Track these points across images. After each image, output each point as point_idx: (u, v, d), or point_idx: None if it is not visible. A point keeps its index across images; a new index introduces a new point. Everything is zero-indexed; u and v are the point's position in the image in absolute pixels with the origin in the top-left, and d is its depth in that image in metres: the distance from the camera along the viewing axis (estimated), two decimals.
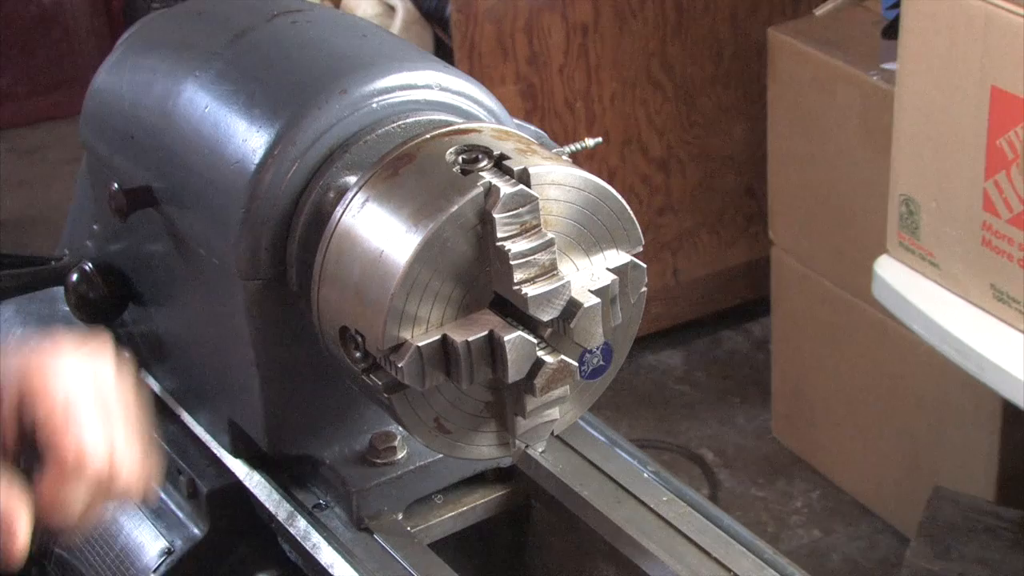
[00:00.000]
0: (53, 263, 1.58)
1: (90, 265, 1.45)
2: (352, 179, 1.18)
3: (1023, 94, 1.99)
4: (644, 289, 1.18)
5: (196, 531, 1.37)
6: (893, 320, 2.37)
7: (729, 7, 3.33)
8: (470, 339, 1.09)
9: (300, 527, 1.31)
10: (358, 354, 1.13)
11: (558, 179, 1.11)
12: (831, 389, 3.11)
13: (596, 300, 1.11)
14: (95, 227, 1.49)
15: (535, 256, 1.08)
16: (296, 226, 1.20)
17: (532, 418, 1.15)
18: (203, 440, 1.40)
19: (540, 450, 1.34)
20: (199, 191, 1.26)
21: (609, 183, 1.14)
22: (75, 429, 1.02)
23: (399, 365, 1.09)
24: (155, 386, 1.47)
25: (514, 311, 1.10)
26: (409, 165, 1.14)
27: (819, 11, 2.86)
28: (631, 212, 1.16)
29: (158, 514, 1.40)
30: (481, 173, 1.10)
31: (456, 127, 1.17)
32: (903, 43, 2.21)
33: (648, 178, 3.42)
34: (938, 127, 2.16)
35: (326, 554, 1.27)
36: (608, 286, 1.13)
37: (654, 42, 3.29)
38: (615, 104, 3.31)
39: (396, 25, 3.20)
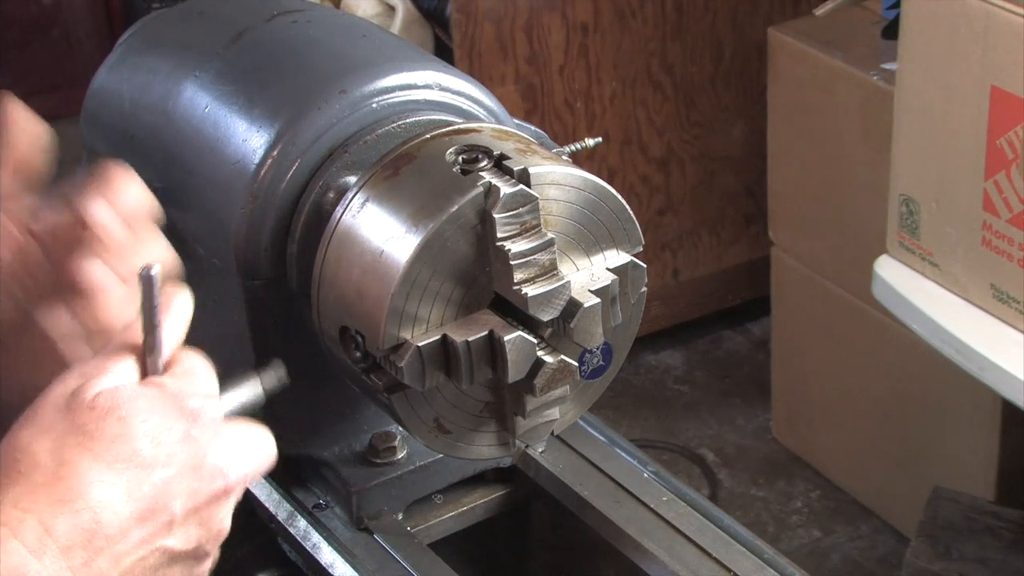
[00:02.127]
0: None
1: None
2: (352, 179, 1.18)
3: (1023, 94, 1.99)
4: (644, 289, 1.18)
5: None
6: (893, 320, 2.37)
7: (729, 7, 3.33)
8: (470, 339, 1.09)
9: (300, 527, 1.31)
10: (358, 354, 1.13)
11: (558, 179, 1.11)
12: (831, 389, 3.11)
13: (596, 300, 1.11)
14: None
15: (535, 256, 1.09)
16: (296, 226, 1.20)
17: (532, 418, 1.16)
18: None
19: (540, 450, 1.34)
20: (199, 191, 1.26)
21: (609, 183, 1.14)
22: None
23: (399, 365, 1.09)
24: None
25: (514, 311, 1.10)
26: (409, 165, 1.14)
27: (819, 11, 2.86)
28: (631, 212, 1.16)
29: None
30: (481, 173, 1.10)
31: (456, 127, 1.17)
32: (903, 43, 2.21)
33: (648, 178, 3.42)
34: (938, 127, 2.16)
35: (326, 554, 1.27)
36: (608, 286, 1.13)
37: (654, 42, 3.29)
38: (615, 104, 3.31)
39: (396, 25, 3.20)
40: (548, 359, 1.10)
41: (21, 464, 0.91)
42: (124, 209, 1.05)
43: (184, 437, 0.96)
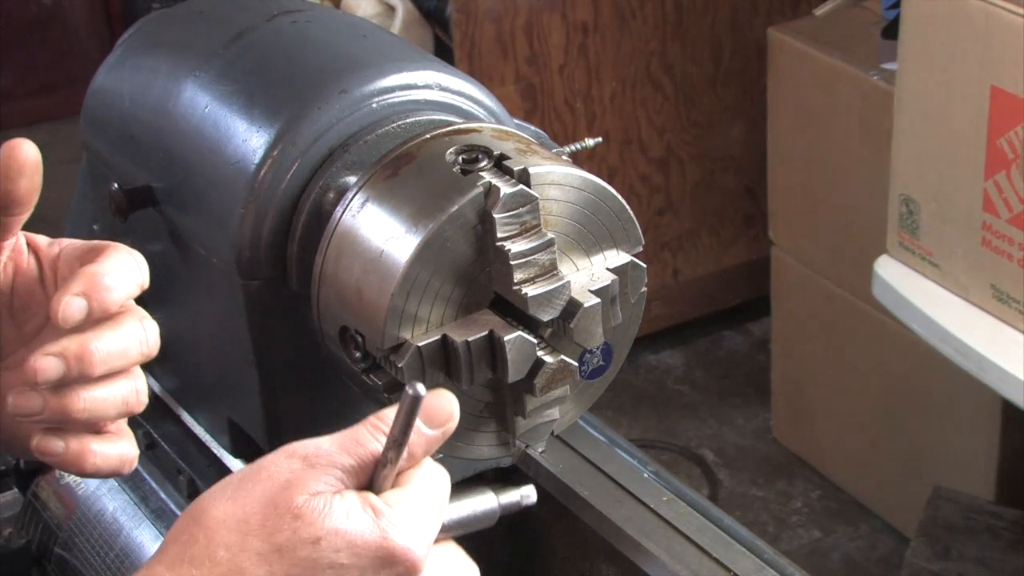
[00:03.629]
0: None
1: None
2: (352, 179, 1.18)
3: (1023, 94, 1.99)
4: (644, 289, 1.18)
5: None
6: (893, 320, 2.37)
7: (729, 7, 3.33)
8: (470, 339, 1.09)
9: None
10: (358, 354, 1.13)
11: (558, 179, 1.11)
12: (831, 389, 3.11)
13: (596, 300, 1.11)
14: (95, 227, 1.49)
15: (535, 256, 1.08)
16: (296, 226, 1.20)
17: (532, 418, 1.15)
18: (203, 440, 1.40)
19: (540, 450, 1.34)
20: (199, 191, 1.26)
21: (609, 183, 1.14)
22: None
23: (399, 365, 1.09)
24: (155, 386, 1.47)
25: (514, 311, 1.10)
26: (409, 165, 1.14)
27: (819, 11, 2.87)
28: (631, 212, 1.16)
29: (158, 514, 1.40)
30: (481, 173, 1.10)
31: (456, 127, 1.17)
32: (903, 43, 2.21)
33: (648, 178, 3.42)
34: (938, 127, 2.16)
35: None
36: (608, 286, 1.13)
37: (654, 42, 3.29)
38: (615, 104, 3.31)
39: (396, 25, 3.20)
40: (548, 359, 1.10)
41: (205, 543, 0.88)
42: (101, 304, 1.01)
43: None
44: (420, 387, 0.90)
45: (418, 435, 0.94)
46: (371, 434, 0.94)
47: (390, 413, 0.94)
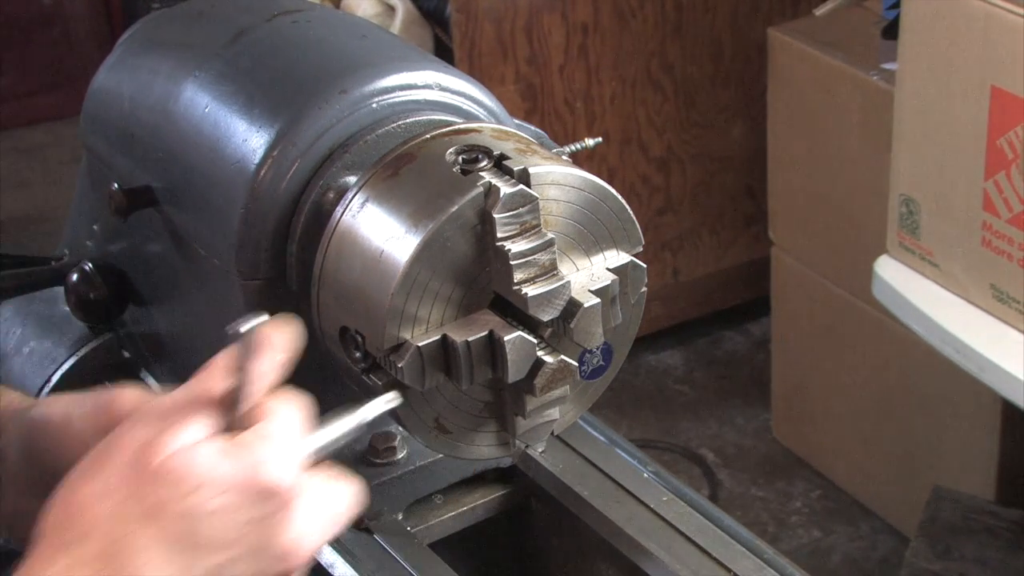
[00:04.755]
0: (53, 263, 1.58)
1: (90, 265, 1.45)
2: (352, 179, 1.18)
3: (1023, 94, 1.99)
4: (644, 289, 1.18)
5: None
6: (893, 320, 2.37)
7: (729, 7, 3.33)
8: (470, 339, 1.09)
9: None
10: (358, 354, 1.13)
11: (558, 179, 1.11)
12: (831, 389, 3.11)
13: (596, 300, 1.11)
14: (95, 227, 1.49)
15: (535, 256, 1.08)
16: (296, 226, 1.20)
17: (532, 418, 1.16)
18: None
19: (540, 450, 1.34)
20: (199, 191, 1.26)
21: (609, 183, 1.14)
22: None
23: (399, 365, 1.09)
24: (155, 386, 1.47)
25: (514, 311, 1.10)
26: (409, 165, 1.14)
27: (819, 11, 2.87)
28: (631, 212, 1.16)
29: None
30: (481, 173, 1.10)
31: (456, 127, 1.17)
32: (903, 43, 2.21)
33: (648, 178, 3.42)
34: (938, 127, 2.16)
35: (326, 554, 1.27)
36: (608, 286, 1.13)
37: (654, 42, 3.29)
38: (615, 104, 3.31)
39: (396, 25, 3.20)
40: (548, 359, 1.10)
41: (78, 525, 0.88)
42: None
43: (254, 518, 0.91)
44: (246, 324, 0.92)
45: (262, 364, 0.95)
46: (211, 378, 0.95)
47: (223, 357, 0.95)
